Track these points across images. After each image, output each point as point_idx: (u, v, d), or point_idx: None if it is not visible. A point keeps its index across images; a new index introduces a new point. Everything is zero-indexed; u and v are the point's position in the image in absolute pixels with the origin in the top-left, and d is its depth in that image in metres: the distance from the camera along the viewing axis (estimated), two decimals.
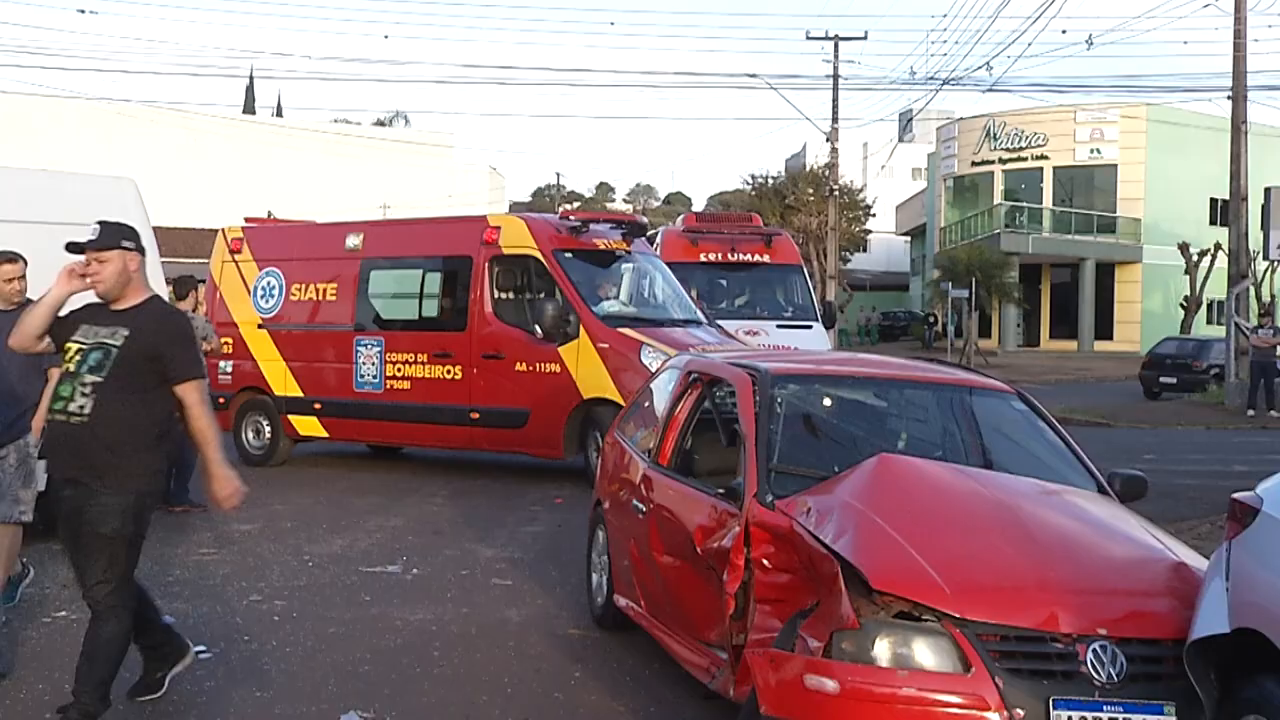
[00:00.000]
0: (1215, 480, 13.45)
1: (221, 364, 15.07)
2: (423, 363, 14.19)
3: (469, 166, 76.74)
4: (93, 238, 5.53)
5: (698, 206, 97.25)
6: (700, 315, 14.62)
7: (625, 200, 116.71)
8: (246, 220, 16.89)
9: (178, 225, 42.28)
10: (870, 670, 4.47)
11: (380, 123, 78.81)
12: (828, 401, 6.69)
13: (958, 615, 4.51)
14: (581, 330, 13.26)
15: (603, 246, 14.29)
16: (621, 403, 12.63)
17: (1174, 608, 4.70)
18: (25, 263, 7.42)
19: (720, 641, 5.51)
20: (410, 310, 14.83)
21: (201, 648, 6.82)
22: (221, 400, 14.76)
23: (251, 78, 75.28)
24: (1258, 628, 4.17)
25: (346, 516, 11.44)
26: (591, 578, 7.98)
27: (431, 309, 14.66)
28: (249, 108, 78.07)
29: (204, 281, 16.05)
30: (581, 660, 6.95)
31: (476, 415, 13.79)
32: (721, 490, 5.81)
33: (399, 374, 14.39)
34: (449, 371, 14.08)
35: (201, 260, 17.06)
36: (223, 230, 16.44)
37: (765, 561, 5.13)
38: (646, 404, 7.88)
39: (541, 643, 7.30)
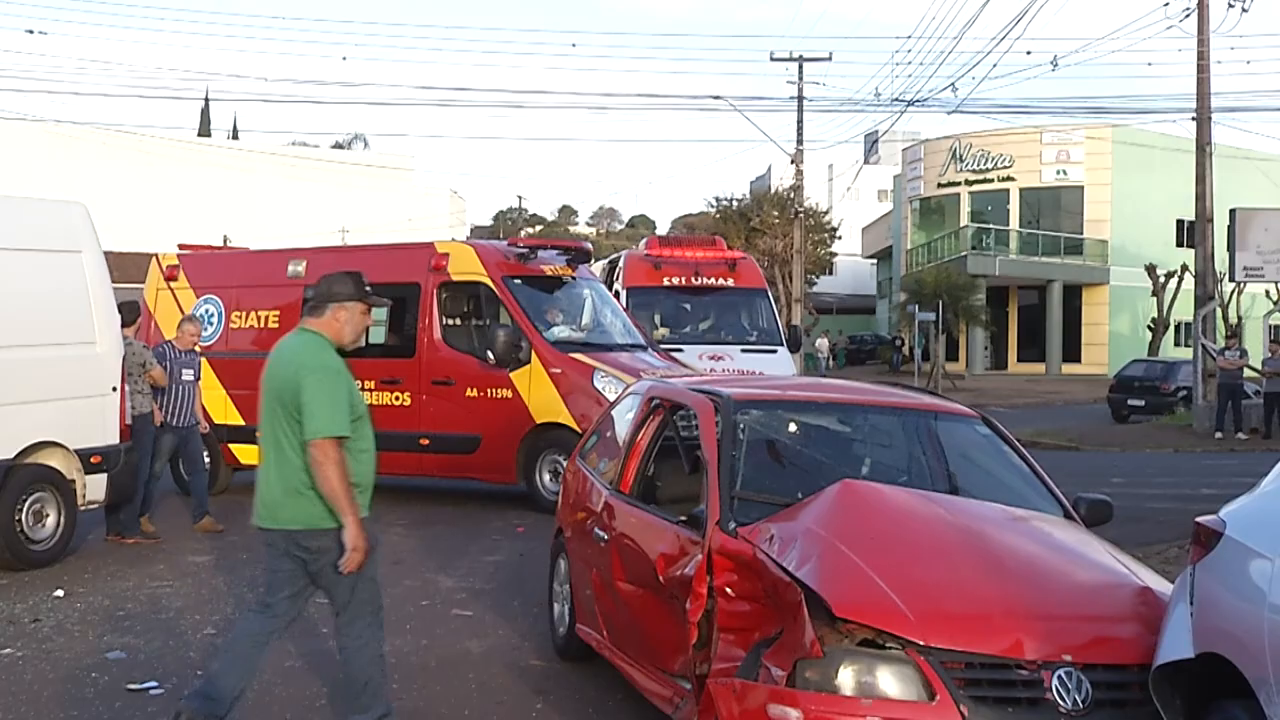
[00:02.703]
0: (1183, 503, 13.57)
1: None
2: (370, 389, 14.16)
3: (430, 189, 76.72)
4: None
5: (662, 229, 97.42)
6: (643, 339, 14.84)
7: (589, 223, 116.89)
8: (180, 247, 16.85)
9: (131, 250, 42.03)
10: (834, 699, 4.48)
11: (339, 145, 78.78)
12: (791, 427, 6.72)
13: (922, 643, 4.52)
14: (534, 355, 13.45)
15: (549, 272, 14.53)
16: (575, 427, 12.77)
17: (1139, 633, 4.74)
18: None
19: (683, 671, 5.51)
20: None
21: (153, 683, 6.77)
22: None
23: (207, 100, 75.05)
24: (1222, 652, 4.21)
25: None
26: (553, 608, 7.96)
27: (378, 336, 14.65)
28: (204, 130, 77.79)
29: None
30: (543, 692, 6.93)
31: (426, 441, 13.88)
32: (684, 518, 5.82)
33: None
34: (397, 398, 14.16)
35: None
36: (156, 257, 16.44)
37: (728, 590, 5.14)
38: (608, 431, 7.89)
39: (503, 674, 7.28)
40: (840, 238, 61.33)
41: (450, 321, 14.34)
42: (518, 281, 14.10)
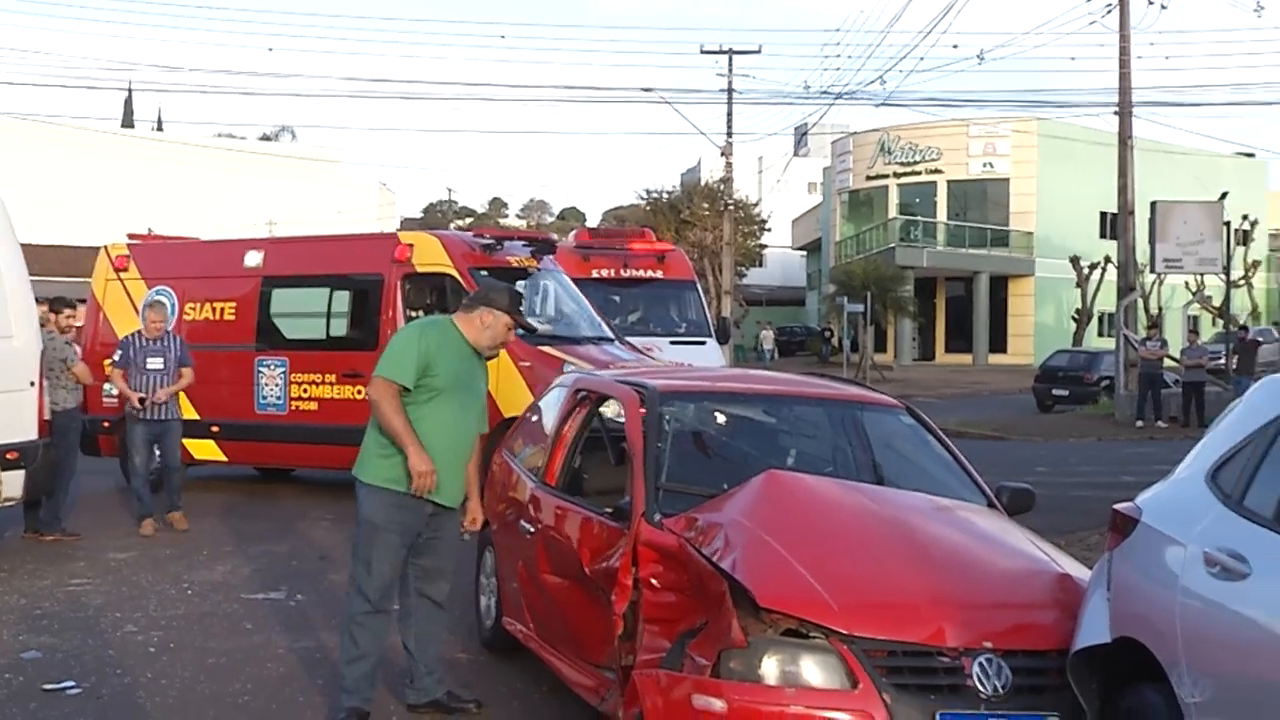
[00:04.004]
0: (1105, 491, 13.71)
1: (106, 386, 14.69)
2: (331, 383, 14.01)
3: (358, 182, 76.06)
4: None
5: (593, 222, 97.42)
6: (609, 331, 14.70)
7: (519, 216, 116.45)
8: (130, 237, 16.55)
9: (53, 243, 41.32)
10: (758, 689, 4.50)
11: (266, 138, 77.86)
12: (717, 418, 6.74)
13: (845, 632, 4.56)
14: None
15: (515, 264, 14.33)
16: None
17: (1058, 619, 4.81)
18: None
19: (609, 663, 5.51)
20: (317, 329, 14.66)
21: (70, 683, 6.66)
22: (106, 424, 14.42)
23: (130, 90, 73.88)
24: (1137, 637, 4.28)
25: (230, 542, 11.24)
26: (480, 600, 7.94)
27: (340, 328, 14.54)
28: (128, 121, 76.55)
29: (83, 301, 15.69)
30: (469, 685, 6.89)
31: None
32: (609, 509, 5.82)
33: (305, 395, 14.21)
34: (360, 392, 13.89)
35: (81, 279, 16.66)
36: (106, 247, 16.09)
37: (653, 581, 5.14)
38: (535, 422, 7.87)
39: None
40: (770, 230, 61.55)
41: (414, 314, 14.15)
42: (484, 273, 13.82)
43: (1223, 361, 28.99)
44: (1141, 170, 29.01)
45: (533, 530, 6.73)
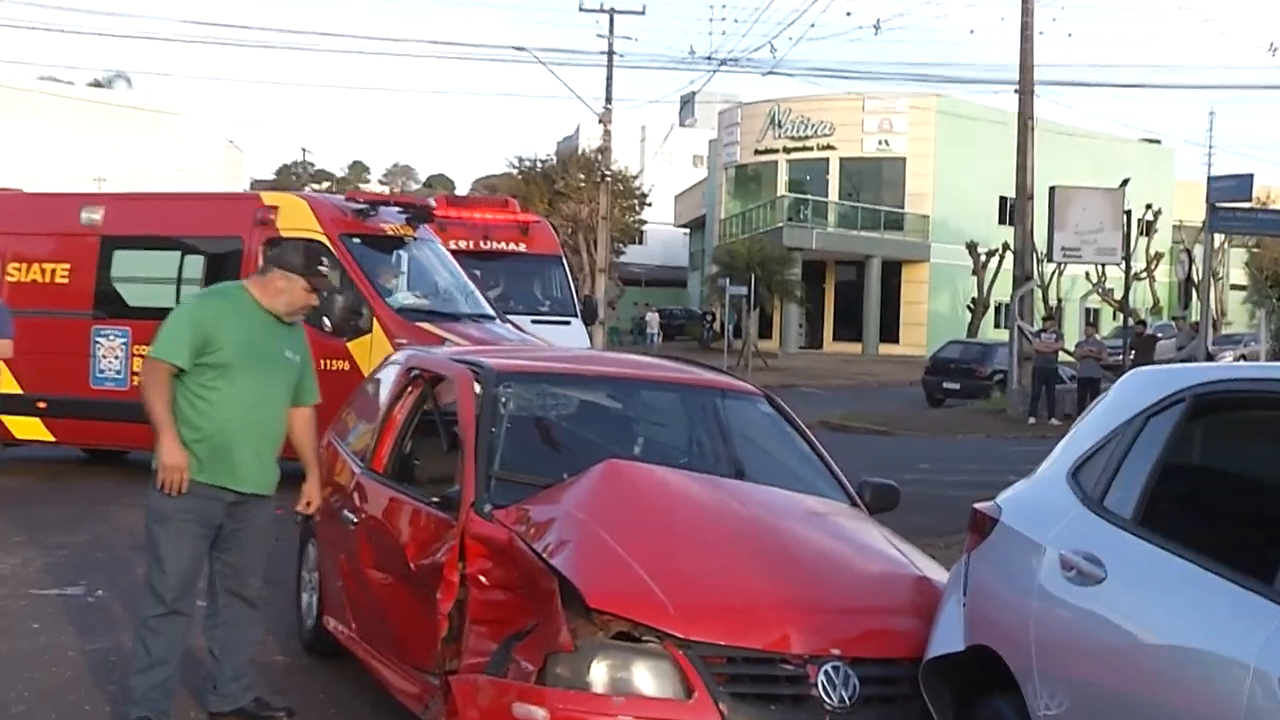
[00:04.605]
0: (988, 491, 13.74)
1: None
2: None
3: (201, 137, 74.56)
4: None
5: (462, 190, 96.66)
6: (489, 308, 14.57)
7: (381, 182, 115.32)
8: None
9: None
10: (584, 697, 4.45)
11: (97, 84, 75.84)
12: (560, 402, 6.67)
13: (681, 636, 4.52)
14: (375, 324, 13.07)
15: (390, 232, 14.15)
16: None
17: (914, 626, 4.82)
18: None
19: (434, 667, 5.42)
20: (166, 297, 14.15)
21: None
22: None
23: None
24: (991, 645, 4.31)
25: (24, 531, 10.88)
26: (301, 598, 7.80)
27: (192, 295, 14.16)
28: None
29: None
30: (284, 691, 6.75)
31: None
32: (436, 499, 5.73)
33: None
34: None
35: None
36: None
37: (482, 578, 5.09)
38: (365, 404, 7.73)
39: None
40: (651, 205, 61.64)
41: None
42: (356, 241, 13.67)
43: (1121, 357, 29.69)
44: (1043, 154, 29.55)
45: (356, 521, 6.61)
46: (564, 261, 19.54)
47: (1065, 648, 3.97)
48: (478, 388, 6.06)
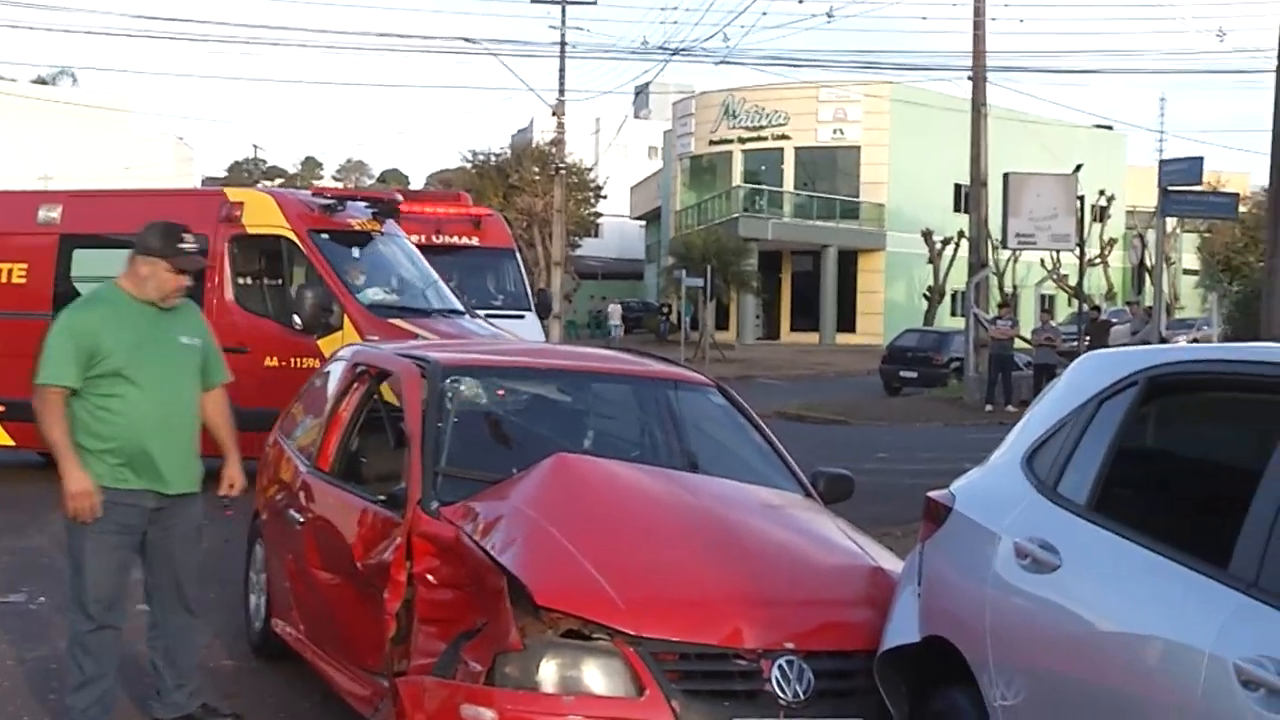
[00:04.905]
0: (946, 479, 13.70)
1: None
2: None
3: (151, 135, 73.94)
4: None
5: (416, 184, 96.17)
6: (458, 304, 14.48)
7: (335, 178, 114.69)
8: None
9: None
10: (533, 697, 4.38)
11: (42, 81, 75.00)
12: (506, 396, 6.58)
13: (632, 633, 4.46)
14: (346, 321, 12.94)
15: (358, 227, 14.03)
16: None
17: (868, 617, 4.77)
18: None
19: (383, 669, 5.33)
20: None
21: None
22: None
23: None
24: (946, 635, 4.25)
25: None
26: (249, 600, 7.69)
27: None
28: None
29: None
30: (232, 696, 6.64)
31: None
32: (382, 497, 5.64)
33: None
34: None
35: None
36: None
37: (429, 577, 5.03)
38: (311, 401, 7.62)
39: None
40: (606, 197, 61.60)
41: (244, 280, 13.68)
42: (324, 236, 13.54)
43: (1076, 343, 29.82)
44: (996, 140, 29.63)
45: (302, 521, 6.52)
46: (517, 255, 19.46)
47: (1021, 637, 3.92)
48: (424, 383, 5.97)
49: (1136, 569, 3.57)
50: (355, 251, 13.94)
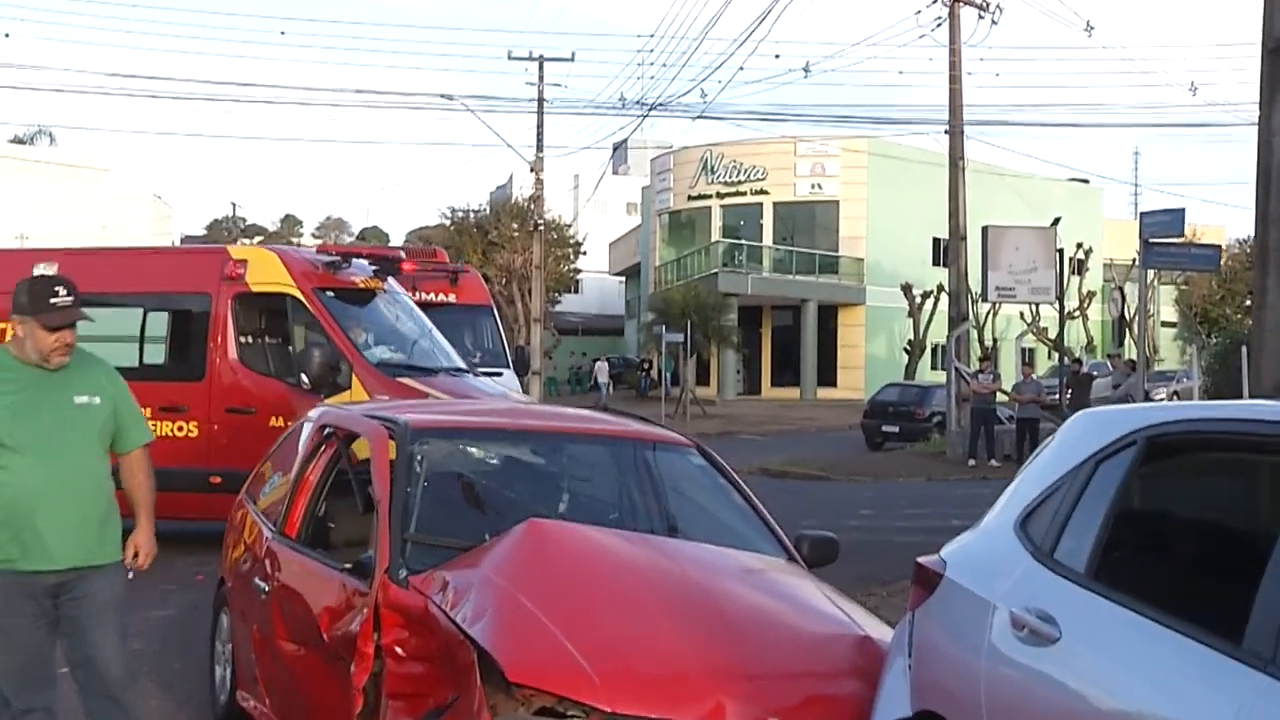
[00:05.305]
0: (932, 536, 13.59)
1: None
2: (145, 418, 13.21)
3: (129, 194, 73.79)
4: None
5: (396, 241, 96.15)
6: (459, 361, 14.38)
7: (315, 235, 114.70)
8: None
9: None
10: None
11: (19, 140, 74.88)
12: (479, 459, 6.38)
13: (607, 709, 4.27)
14: (354, 380, 12.80)
15: (361, 285, 13.96)
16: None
17: (856, 690, 4.59)
18: None
19: None
20: (128, 356, 13.74)
21: None
22: None
23: None
24: (939, 711, 4.04)
25: None
26: (214, 671, 7.44)
27: (156, 355, 13.84)
28: None
29: None
30: None
31: (219, 480, 12.72)
32: (348, 565, 5.41)
33: None
34: (181, 428, 13.21)
35: None
36: None
37: (398, 649, 4.83)
38: (280, 463, 7.39)
39: None
40: (585, 253, 61.49)
41: (248, 339, 13.52)
42: (330, 294, 13.44)
43: (1057, 396, 29.73)
44: (974, 194, 29.66)
45: (267, 589, 6.28)
46: (494, 311, 19.30)
47: (1019, 714, 3.70)
48: (392, 445, 5.76)
49: (1142, 643, 3.36)
50: (360, 310, 13.86)
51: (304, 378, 12.82)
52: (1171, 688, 3.20)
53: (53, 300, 5.39)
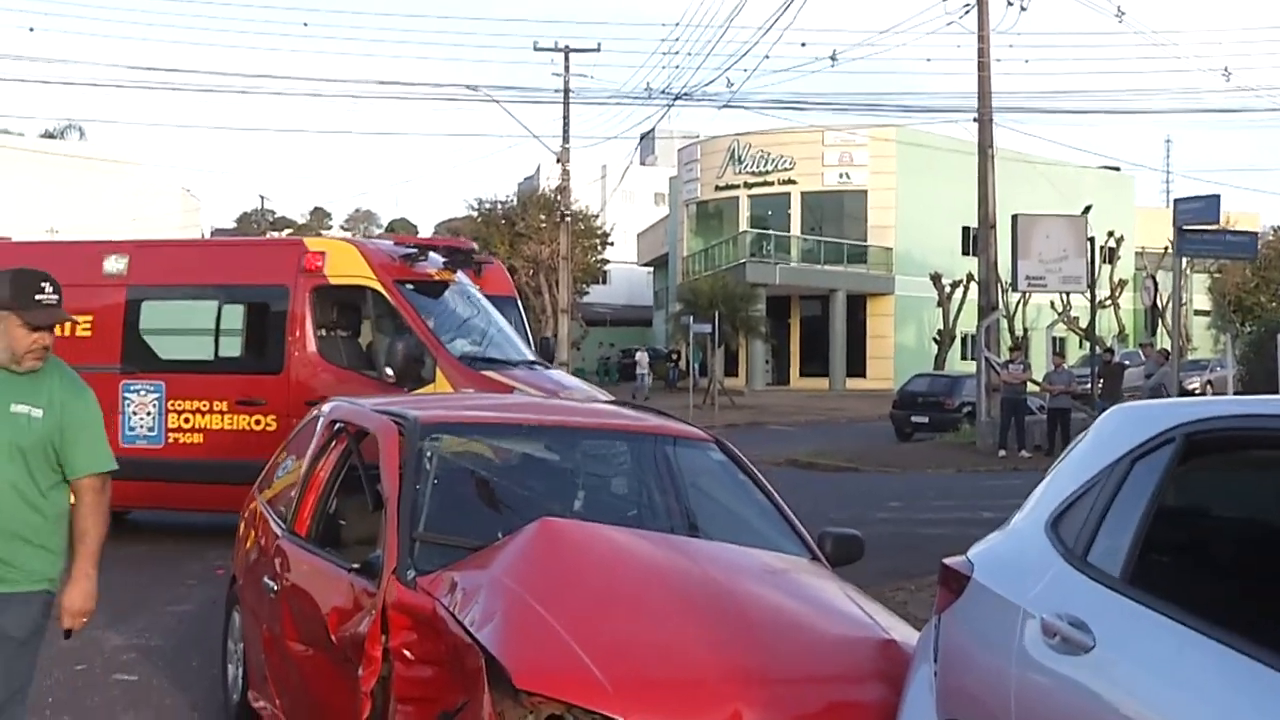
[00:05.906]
0: (962, 529, 13.46)
1: None
2: (221, 412, 13.21)
3: (158, 187, 73.94)
4: None
5: (425, 233, 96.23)
6: (531, 355, 14.34)
7: (344, 227, 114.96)
8: None
9: None
10: None
11: (49, 134, 75.11)
12: (491, 455, 6.20)
13: (619, 717, 4.07)
14: (438, 373, 12.71)
15: (436, 277, 13.89)
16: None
17: (880, 696, 4.41)
18: None
19: None
20: (203, 349, 13.80)
21: None
22: None
23: None
24: None
25: None
26: (227, 670, 7.31)
27: (233, 347, 13.79)
28: None
29: None
30: None
31: None
32: (356, 565, 5.26)
33: (187, 425, 13.33)
34: (259, 422, 13.14)
35: None
36: None
37: (406, 652, 4.68)
38: (290, 461, 7.24)
39: None
40: (613, 244, 61.33)
41: (327, 332, 13.45)
42: (409, 286, 13.35)
43: (1089, 386, 29.43)
44: (1004, 182, 29.36)
45: (277, 588, 6.13)
46: (519, 303, 19.14)
47: None
48: (402, 441, 5.60)
49: (1181, 653, 3.15)
50: (437, 302, 13.77)
51: (388, 371, 12.71)
52: (1213, 700, 2.99)
53: (39, 297, 4.83)
